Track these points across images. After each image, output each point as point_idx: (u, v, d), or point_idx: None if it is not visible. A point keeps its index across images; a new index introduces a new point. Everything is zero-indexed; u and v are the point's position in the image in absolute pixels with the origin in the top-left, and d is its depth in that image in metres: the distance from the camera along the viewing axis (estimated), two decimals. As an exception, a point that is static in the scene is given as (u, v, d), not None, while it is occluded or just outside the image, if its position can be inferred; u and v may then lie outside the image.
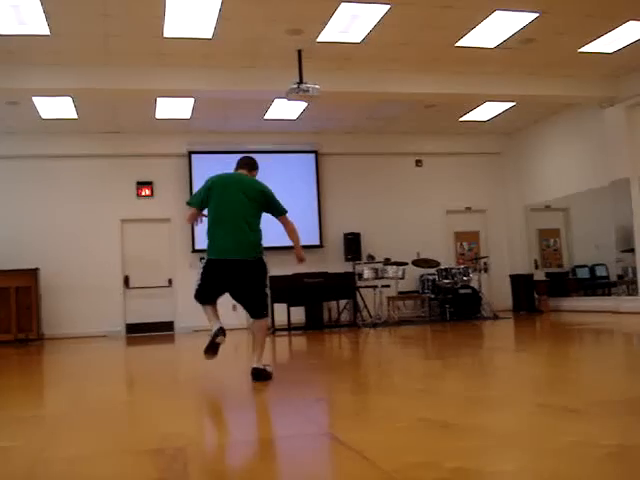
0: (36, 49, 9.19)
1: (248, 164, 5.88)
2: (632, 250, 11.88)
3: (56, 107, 11.57)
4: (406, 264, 12.87)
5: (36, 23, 8.36)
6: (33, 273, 12.40)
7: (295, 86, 9.67)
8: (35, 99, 11.05)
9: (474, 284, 13.15)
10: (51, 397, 5.53)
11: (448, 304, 12.84)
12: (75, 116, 12.14)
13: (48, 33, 8.65)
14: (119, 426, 3.86)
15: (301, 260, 5.71)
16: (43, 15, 8.14)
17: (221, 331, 5.27)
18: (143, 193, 13.89)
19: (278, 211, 5.58)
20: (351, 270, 13.09)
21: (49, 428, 3.79)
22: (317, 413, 4.06)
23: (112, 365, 8.44)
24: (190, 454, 3.09)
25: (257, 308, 5.41)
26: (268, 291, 5.44)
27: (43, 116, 11.98)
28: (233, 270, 5.35)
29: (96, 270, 13.31)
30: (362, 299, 12.87)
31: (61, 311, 12.95)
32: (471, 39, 9.72)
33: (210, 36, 9.10)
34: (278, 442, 3.39)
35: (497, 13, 8.88)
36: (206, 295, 5.63)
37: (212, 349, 5.24)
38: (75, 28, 8.65)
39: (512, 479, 2.43)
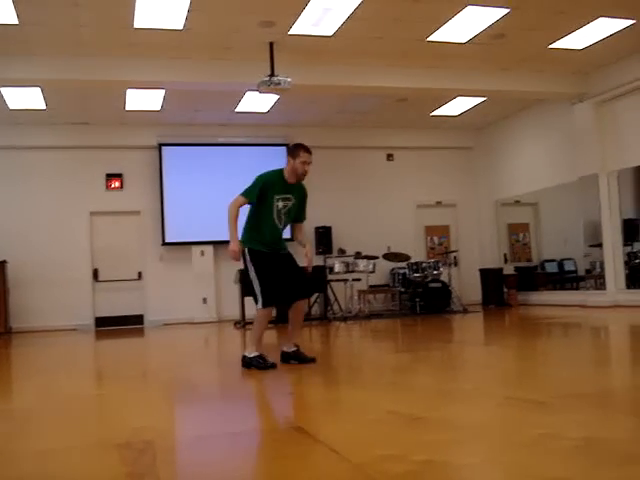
0: (4, 38, 9.03)
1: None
2: (600, 245, 12.03)
3: (24, 97, 11.40)
4: (377, 258, 12.90)
5: (4, 12, 8.21)
6: (0, 266, 12.23)
7: (267, 79, 9.64)
8: (2, 89, 10.89)
9: (444, 278, 13.24)
10: (19, 391, 5.47)
11: (418, 298, 12.91)
12: (44, 107, 11.99)
13: (16, 22, 8.51)
14: (87, 420, 3.83)
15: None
16: (11, 3, 8.01)
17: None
18: (113, 185, 13.76)
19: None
20: (322, 264, 13.09)
21: (17, 422, 3.75)
22: (287, 407, 4.05)
23: (81, 359, 8.37)
24: (158, 448, 3.07)
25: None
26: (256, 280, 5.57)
27: (11, 106, 11.80)
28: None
29: (65, 263, 13.17)
30: (333, 293, 12.89)
31: (29, 304, 12.80)
32: (443, 34, 9.75)
33: (181, 27, 9.03)
34: (247, 436, 3.38)
35: (468, 8, 8.91)
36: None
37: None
38: (44, 17, 8.53)
39: (480, 471, 2.44)
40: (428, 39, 9.92)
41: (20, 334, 12.23)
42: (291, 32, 9.43)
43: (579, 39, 10.15)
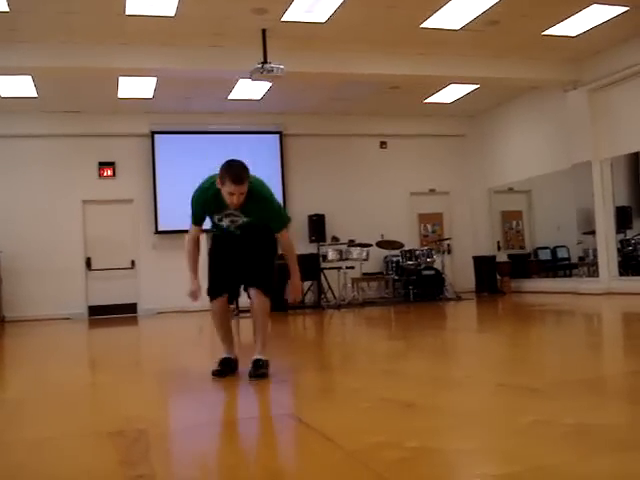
0: (-6, 26, 8.97)
1: None
2: (593, 232, 12.05)
3: (15, 85, 11.32)
4: (370, 245, 12.91)
5: (-6, -1, 8.16)
6: (-7, 255, 12.20)
7: (259, 66, 9.59)
8: (-6, 77, 10.83)
9: (437, 265, 13.25)
10: (12, 380, 5.46)
11: (412, 285, 12.93)
12: (35, 95, 11.91)
13: (7, 9, 8.44)
14: (80, 409, 3.82)
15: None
16: (1, -9, 7.96)
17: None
18: (105, 174, 13.69)
19: None
20: (315, 251, 13.08)
21: (9, 411, 3.74)
22: (281, 394, 4.06)
23: (74, 348, 8.36)
24: (152, 436, 3.07)
25: None
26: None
27: (2, 94, 11.73)
28: None
29: (58, 252, 13.12)
30: (326, 280, 12.89)
31: (22, 293, 12.76)
32: (436, 21, 9.71)
33: (173, 14, 8.96)
34: (241, 424, 3.38)
35: (462, -5, 8.89)
36: None
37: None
38: (35, 4, 8.45)
39: (472, 458, 2.45)
40: (421, 26, 9.88)
41: (13, 323, 12.19)
42: (284, 19, 9.38)
43: (573, 26, 10.13)
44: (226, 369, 4.52)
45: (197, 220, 4.63)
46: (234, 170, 4.22)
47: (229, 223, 4.50)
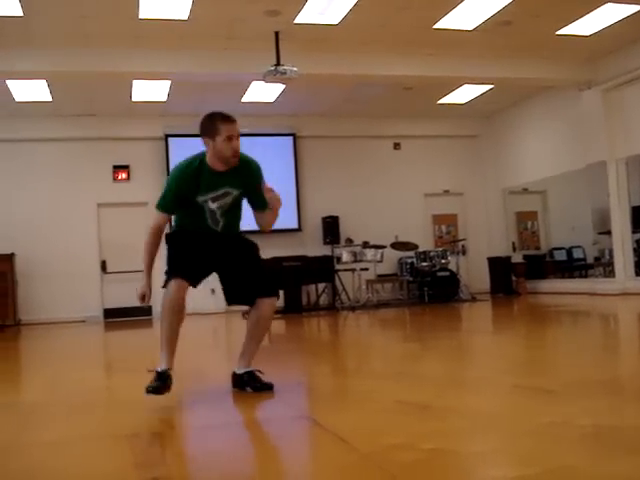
0: (9, 31, 9.02)
1: None
2: (609, 232, 11.98)
3: (30, 90, 11.39)
4: (384, 247, 12.88)
5: (9, 4, 8.19)
6: (8, 258, 12.27)
7: (272, 68, 9.60)
8: (8, 82, 10.88)
9: (452, 267, 13.20)
10: (27, 383, 5.49)
11: (426, 287, 12.90)
12: (50, 99, 11.98)
13: (21, 14, 8.50)
14: (97, 411, 3.84)
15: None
16: (16, -4, 8.01)
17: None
18: (119, 177, 13.77)
19: None
20: (330, 253, 13.09)
21: (25, 414, 3.76)
22: (296, 396, 4.05)
23: (90, 350, 8.40)
24: (167, 438, 3.08)
25: None
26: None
27: (17, 99, 11.80)
28: None
29: (73, 255, 13.19)
30: (341, 282, 12.88)
31: (38, 297, 12.83)
32: (449, 21, 9.68)
33: (186, 17, 9.00)
34: (256, 426, 3.39)
35: (475, -5, 8.87)
36: None
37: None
38: (49, 9, 8.51)
39: (488, 459, 2.44)
40: (434, 26, 9.86)
41: (29, 326, 12.26)
42: (296, 21, 9.39)
43: (587, 25, 10.07)
44: (164, 385, 3.65)
45: (169, 205, 3.92)
46: (218, 112, 3.89)
47: (217, 207, 3.86)
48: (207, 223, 3.91)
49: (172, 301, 3.71)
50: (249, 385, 3.92)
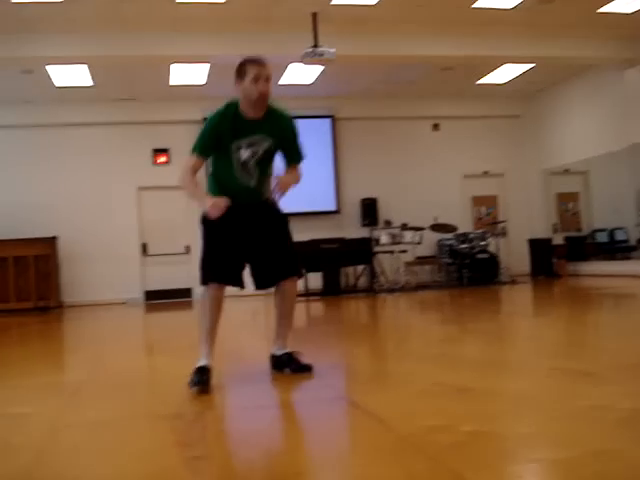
0: (49, 17, 9.13)
1: None
2: (652, 213, 11.78)
3: (70, 75, 11.50)
4: (423, 229, 12.82)
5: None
6: (52, 241, 12.47)
7: (310, 50, 9.58)
8: (48, 67, 11.01)
9: (492, 249, 13.09)
10: (70, 364, 5.59)
11: (466, 269, 12.82)
12: (91, 83, 12.10)
13: (61, 0, 8.59)
14: (138, 391, 3.90)
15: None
16: (56, -19, 8.09)
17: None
18: (159, 160, 13.89)
19: None
20: (368, 236, 13.06)
21: (68, 394, 3.83)
22: (334, 378, 4.07)
23: (131, 332, 8.51)
24: (208, 418, 3.12)
25: None
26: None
27: (57, 84, 11.94)
28: None
29: (114, 238, 13.37)
30: (379, 265, 12.87)
31: (80, 279, 13.04)
32: (488, 0, 9.55)
33: (223, 0, 9.01)
34: (295, 406, 3.42)
35: (515, -27, 8.73)
36: None
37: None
38: (88, -6, 8.60)
39: (528, 442, 2.43)
40: (473, 5, 9.75)
41: (71, 308, 12.48)
42: (334, 2, 9.35)
43: (628, 3, 9.87)
44: (207, 380, 3.60)
45: (206, 145, 3.86)
46: (250, 56, 3.91)
47: (248, 155, 3.80)
48: (236, 179, 3.85)
49: (212, 301, 3.77)
50: (288, 366, 3.94)
